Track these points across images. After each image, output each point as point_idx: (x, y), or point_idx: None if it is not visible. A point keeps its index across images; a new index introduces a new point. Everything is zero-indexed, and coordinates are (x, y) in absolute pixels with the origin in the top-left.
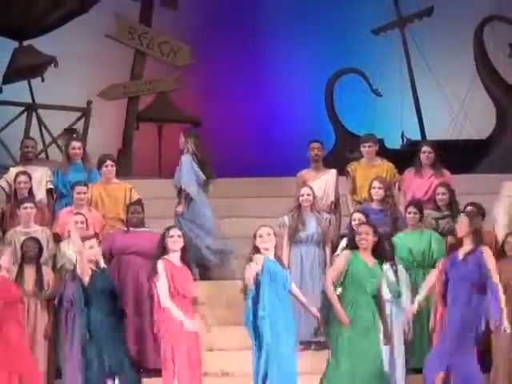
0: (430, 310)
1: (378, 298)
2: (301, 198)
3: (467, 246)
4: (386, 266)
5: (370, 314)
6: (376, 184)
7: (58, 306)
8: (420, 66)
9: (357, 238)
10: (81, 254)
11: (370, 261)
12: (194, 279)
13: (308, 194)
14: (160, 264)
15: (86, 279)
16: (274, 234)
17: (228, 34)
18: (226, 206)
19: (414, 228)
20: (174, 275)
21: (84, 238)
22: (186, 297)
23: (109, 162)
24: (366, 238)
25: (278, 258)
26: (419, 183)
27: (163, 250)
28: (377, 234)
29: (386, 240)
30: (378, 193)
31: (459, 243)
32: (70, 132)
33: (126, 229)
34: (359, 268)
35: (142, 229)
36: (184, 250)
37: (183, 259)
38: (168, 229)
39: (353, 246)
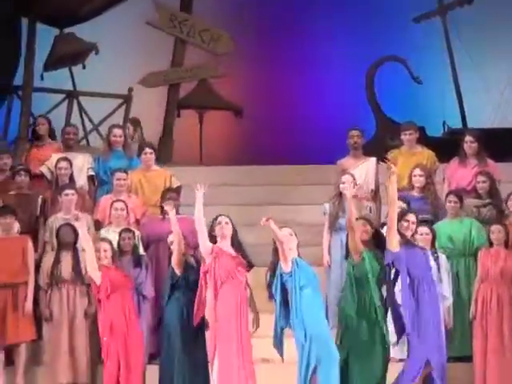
0: (471, 298)
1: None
2: (341, 186)
3: None
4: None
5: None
6: (417, 171)
7: None
8: (461, 54)
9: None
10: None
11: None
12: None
13: (349, 182)
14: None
15: (178, 270)
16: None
17: (268, 20)
18: (267, 194)
19: (454, 216)
20: (225, 262)
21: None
22: (241, 281)
23: (147, 150)
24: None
25: None
26: (463, 173)
27: (213, 238)
28: (372, 226)
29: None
30: (419, 180)
31: None
32: (133, 121)
33: (161, 216)
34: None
35: (179, 216)
36: (234, 235)
37: (233, 245)
38: (216, 217)
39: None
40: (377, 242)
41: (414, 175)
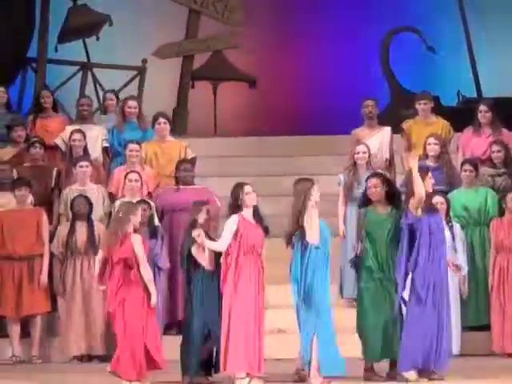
0: (487, 268)
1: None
2: (356, 156)
3: None
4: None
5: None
6: (432, 140)
7: None
8: (475, 23)
9: (368, 192)
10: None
11: (383, 210)
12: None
13: (364, 152)
14: (234, 218)
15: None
16: None
17: None
18: (282, 164)
19: (469, 186)
20: (247, 232)
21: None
22: (259, 253)
23: (161, 120)
24: (375, 191)
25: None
26: (477, 142)
27: (237, 207)
28: (387, 185)
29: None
30: (433, 149)
31: None
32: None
33: (176, 187)
34: (371, 220)
35: (193, 186)
36: (256, 206)
37: (255, 216)
38: (242, 185)
39: (365, 202)
40: (395, 202)
41: (429, 144)
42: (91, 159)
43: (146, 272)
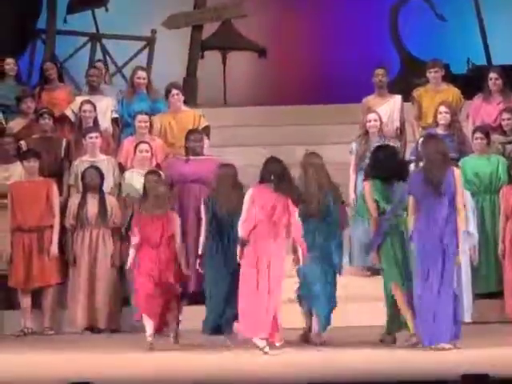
0: (497, 235)
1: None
2: (368, 124)
3: None
4: None
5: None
6: (442, 109)
7: (125, 234)
8: None
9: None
10: None
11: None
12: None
13: (375, 120)
14: (248, 192)
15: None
16: None
17: None
18: (293, 134)
19: (481, 153)
20: (264, 203)
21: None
22: (276, 223)
23: (174, 91)
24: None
25: None
26: (488, 110)
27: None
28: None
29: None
30: (444, 117)
31: None
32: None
33: (185, 157)
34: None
35: (203, 157)
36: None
37: (279, 187)
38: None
39: (374, 174)
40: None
41: (440, 112)
42: (101, 130)
43: (181, 247)
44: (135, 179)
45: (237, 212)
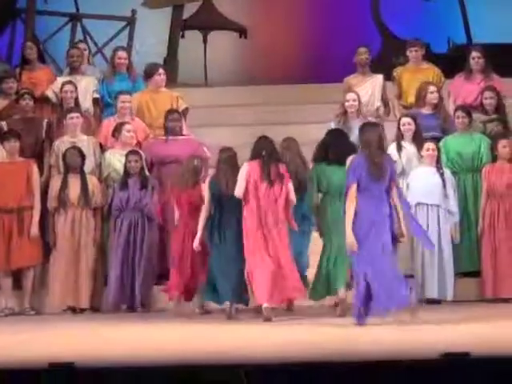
0: (478, 214)
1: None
2: (346, 104)
3: None
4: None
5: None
6: (432, 88)
7: (106, 214)
8: None
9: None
10: None
11: None
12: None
13: (354, 100)
14: (243, 167)
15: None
16: None
17: None
18: (273, 113)
19: (463, 131)
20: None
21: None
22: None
23: (161, 71)
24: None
25: None
26: (469, 88)
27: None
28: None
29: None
30: (435, 97)
31: None
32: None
33: (165, 137)
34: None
35: (181, 137)
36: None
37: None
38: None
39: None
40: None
41: (431, 92)
42: (82, 110)
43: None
44: (115, 159)
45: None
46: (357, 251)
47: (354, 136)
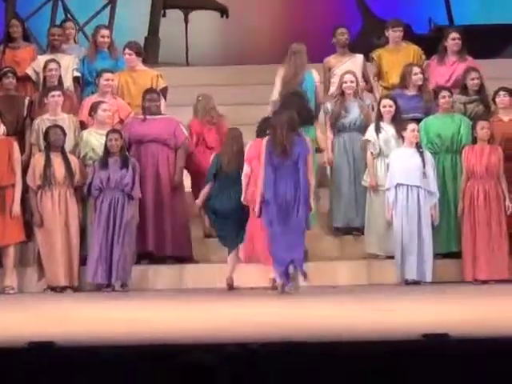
0: (458, 195)
1: None
2: (344, 85)
3: None
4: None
5: None
6: (417, 70)
7: (86, 194)
8: None
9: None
10: None
11: None
12: None
13: (351, 81)
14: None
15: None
16: None
17: None
18: (256, 93)
19: (444, 112)
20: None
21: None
22: None
23: (126, 51)
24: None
25: None
26: (441, 71)
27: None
28: None
29: None
30: (420, 78)
31: None
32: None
33: (143, 117)
34: None
35: (159, 116)
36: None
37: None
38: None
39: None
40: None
41: (415, 73)
42: (64, 89)
43: None
44: (93, 138)
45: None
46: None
47: (351, 117)
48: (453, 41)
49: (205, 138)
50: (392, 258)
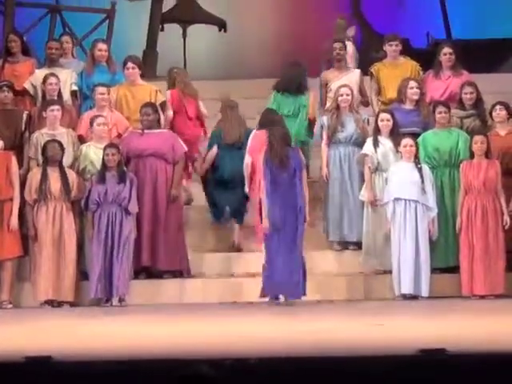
0: (456, 210)
1: None
2: (340, 98)
3: None
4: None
5: None
6: (413, 84)
7: (84, 208)
8: None
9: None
10: None
11: None
12: None
13: (347, 94)
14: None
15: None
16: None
17: None
18: (255, 107)
19: (442, 127)
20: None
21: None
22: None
23: (129, 64)
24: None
25: None
26: (436, 85)
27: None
28: None
29: None
30: (416, 93)
31: None
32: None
33: (141, 131)
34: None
35: (157, 130)
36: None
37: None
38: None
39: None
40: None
41: (411, 87)
42: (63, 103)
43: None
44: (92, 153)
45: (239, 142)
46: None
47: (347, 132)
48: (445, 56)
49: (186, 109)
50: (389, 272)
